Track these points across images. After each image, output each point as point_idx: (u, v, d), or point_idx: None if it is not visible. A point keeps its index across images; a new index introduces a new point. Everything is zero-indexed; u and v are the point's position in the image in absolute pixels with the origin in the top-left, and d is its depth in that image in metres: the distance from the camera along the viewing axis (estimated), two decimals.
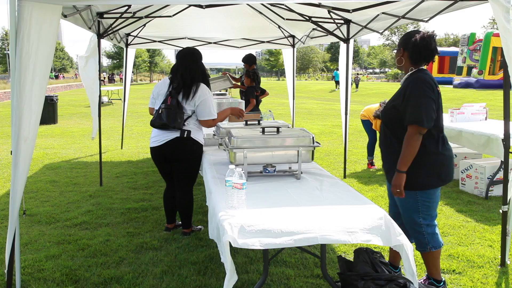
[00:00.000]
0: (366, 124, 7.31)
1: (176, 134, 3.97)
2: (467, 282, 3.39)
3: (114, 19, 5.99)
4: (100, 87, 6.27)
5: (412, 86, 2.86)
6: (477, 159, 6.11)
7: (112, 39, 7.24)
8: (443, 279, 3.15)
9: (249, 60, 7.89)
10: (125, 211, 5.08)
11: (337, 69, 45.92)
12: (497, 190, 5.58)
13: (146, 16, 6.40)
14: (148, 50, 59.42)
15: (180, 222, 4.43)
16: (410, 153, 2.82)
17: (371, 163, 7.46)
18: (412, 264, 2.45)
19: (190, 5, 6.55)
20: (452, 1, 4.04)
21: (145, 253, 3.92)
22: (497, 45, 30.33)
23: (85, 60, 6.10)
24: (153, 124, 4.01)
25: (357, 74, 41.51)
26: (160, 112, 3.93)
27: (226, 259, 2.30)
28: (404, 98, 2.88)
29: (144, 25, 7.74)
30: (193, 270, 3.58)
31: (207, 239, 4.21)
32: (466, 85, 35.30)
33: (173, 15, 6.93)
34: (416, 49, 2.93)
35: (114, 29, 6.37)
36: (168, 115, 3.88)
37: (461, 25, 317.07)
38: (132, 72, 13.07)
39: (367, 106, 7.47)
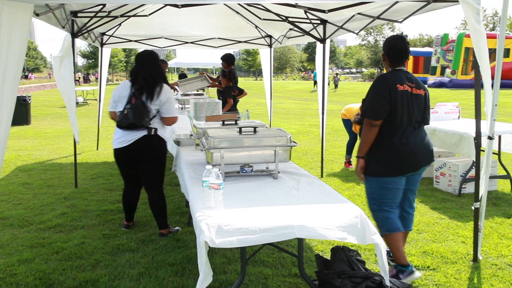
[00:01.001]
0: (347, 123, 7.34)
1: (143, 132, 4.03)
2: (441, 278, 3.45)
3: (89, 18, 5.89)
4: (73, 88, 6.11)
5: (372, 84, 3.30)
6: (451, 157, 6.23)
7: (86, 39, 7.12)
8: (410, 264, 3.25)
9: (228, 59, 7.88)
10: (101, 213, 5.00)
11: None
12: (469, 188, 5.70)
13: (122, 15, 6.32)
14: (124, 50, 58.72)
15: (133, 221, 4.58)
16: (364, 141, 3.26)
17: (348, 162, 7.50)
18: (384, 262, 2.49)
19: (166, 5, 6.50)
20: (425, 2, 4.11)
21: (121, 255, 3.87)
22: (469, 46, 30.96)
23: (59, 61, 5.85)
24: (120, 124, 4.05)
25: (336, 74, 41.76)
26: (125, 112, 3.98)
27: (201, 260, 2.30)
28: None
29: (120, 24, 7.65)
30: (171, 271, 3.55)
31: (185, 240, 4.18)
32: (440, 85, 35.99)
33: (149, 14, 6.88)
34: (387, 52, 3.33)
35: (88, 28, 6.27)
36: (135, 114, 3.94)
37: (435, 26, 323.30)
38: (108, 72, 12.89)
39: (348, 106, 7.48)
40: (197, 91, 8.28)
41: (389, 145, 3.20)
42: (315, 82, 34.63)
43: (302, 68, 78.07)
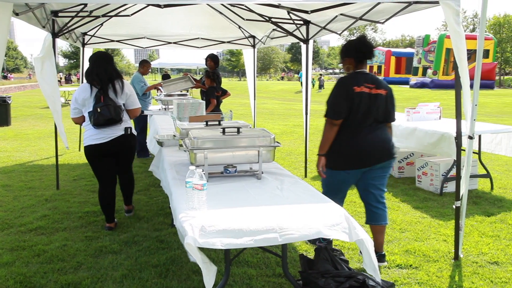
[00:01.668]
0: None
1: (120, 132, 4.36)
2: (423, 276, 3.49)
3: (70, 18, 5.81)
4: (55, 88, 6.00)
5: (333, 87, 3.52)
6: (432, 157, 6.31)
7: (67, 38, 7.04)
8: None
9: (215, 58, 7.90)
10: (83, 215, 4.94)
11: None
12: (451, 187, 5.78)
13: (103, 15, 6.26)
14: (107, 50, 58.14)
15: (116, 220, 4.71)
16: (324, 139, 3.50)
17: None
18: (373, 259, 2.50)
19: (148, 5, 6.45)
20: (406, 4, 4.16)
21: (104, 257, 3.83)
22: (450, 47, 31.39)
23: (40, 62, 5.66)
24: (98, 122, 4.20)
25: (320, 75, 41.97)
26: (99, 111, 4.17)
27: (196, 257, 2.28)
28: None
29: (102, 24, 7.57)
30: (154, 273, 3.53)
31: (169, 242, 4.16)
32: (421, 85, 36.46)
33: (132, 14, 6.82)
34: (349, 55, 3.58)
35: (69, 28, 6.19)
36: (111, 111, 4.18)
37: (417, 27, 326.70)
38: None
39: None
40: (181, 91, 8.24)
41: (342, 142, 3.47)
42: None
43: (285, 68, 78.27)
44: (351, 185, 3.68)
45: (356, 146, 3.44)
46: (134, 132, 4.58)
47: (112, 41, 8.86)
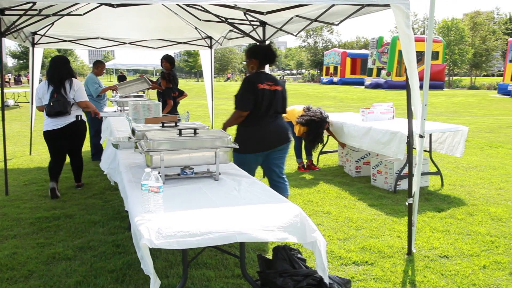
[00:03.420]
0: (289, 125, 7.23)
1: (72, 118, 5.55)
2: (379, 272, 3.59)
3: (18, 16, 5.59)
4: (3, 89, 5.79)
5: (242, 83, 4.17)
6: (387, 156, 6.47)
7: (16, 38, 6.76)
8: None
9: (170, 59, 7.81)
10: (34, 221, 4.77)
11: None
12: (404, 184, 5.97)
13: (54, 14, 6.06)
14: (59, 50, 56.37)
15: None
16: (230, 122, 4.22)
17: (302, 167, 7.36)
18: (324, 260, 2.54)
19: (101, 4, 6.29)
20: (359, 6, 4.26)
21: (57, 264, 3.71)
22: None
23: None
24: (49, 113, 5.43)
25: (282, 76, 42.31)
26: (51, 104, 5.38)
27: (147, 263, 2.24)
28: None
29: (53, 23, 7.32)
30: (110, 278, 3.45)
31: (125, 246, 4.08)
32: (376, 86, 37.42)
33: (84, 13, 6.64)
34: (255, 57, 4.21)
35: (17, 27, 5.96)
36: (60, 105, 5.37)
37: (372, 29, 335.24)
38: (41, 73, 12.26)
39: (289, 108, 7.30)
40: (137, 93, 8.10)
41: (250, 130, 4.17)
42: None
43: (243, 69, 78.38)
44: (258, 165, 4.39)
45: (262, 133, 4.17)
46: (84, 119, 5.73)
47: (64, 41, 8.59)
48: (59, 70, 5.49)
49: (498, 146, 9.61)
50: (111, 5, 5.91)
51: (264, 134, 4.18)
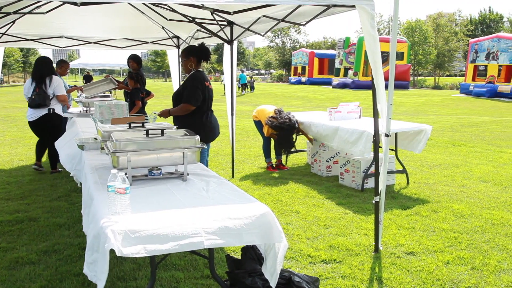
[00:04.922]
0: (259, 124, 7.28)
1: (45, 111, 6.59)
2: (346, 270, 3.64)
3: None
4: None
5: (190, 79, 4.59)
6: (354, 155, 6.57)
7: None
8: None
9: (136, 59, 7.70)
10: None
11: (242, 71, 45.78)
12: (371, 183, 6.07)
13: (15, 12, 5.86)
14: (21, 49, 54.77)
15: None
16: (175, 111, 4.64)
17: (271, 166, 7.37)
18: (278, 264, 2.54)
19: (64, 2, 6.14)
20: (326, 7, 4.30)
21: (20, 269, 3.61)
22: None
23: None
24: (31, 105, 6.54)
25: (251, 77, 42.26)
26: (33, 97, 6.49)
27: (104, 269, 2.20)
28: (184, 87, 4.63)
29: (14, 21, 7.09)
30: (77, 282, 3.38)
31: None
32: (343, 86, 37.96)
33: (46, 12, 6.45)
34: (197, 56, 4.65)
35: None
36: (40, 98, 6.47)
37: (339, 29, 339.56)
38: (3, 73, 11.92)
39: (259, 107, 7.39)
40: (104, 93, 7.94)
41: (201, 123, 4.60)
42: (244, 86, 34.44)
43: (211, 69, 78.09)
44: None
45: (210, 126, 4.72)
46: (59, 112, 6.71)
47: (27, 39, 8.34)
48: (41, 68, 6.64)
49: (461, 145, 9.91)
50: (75, 4, 5.76)
51: (212, 127, 4.76)
